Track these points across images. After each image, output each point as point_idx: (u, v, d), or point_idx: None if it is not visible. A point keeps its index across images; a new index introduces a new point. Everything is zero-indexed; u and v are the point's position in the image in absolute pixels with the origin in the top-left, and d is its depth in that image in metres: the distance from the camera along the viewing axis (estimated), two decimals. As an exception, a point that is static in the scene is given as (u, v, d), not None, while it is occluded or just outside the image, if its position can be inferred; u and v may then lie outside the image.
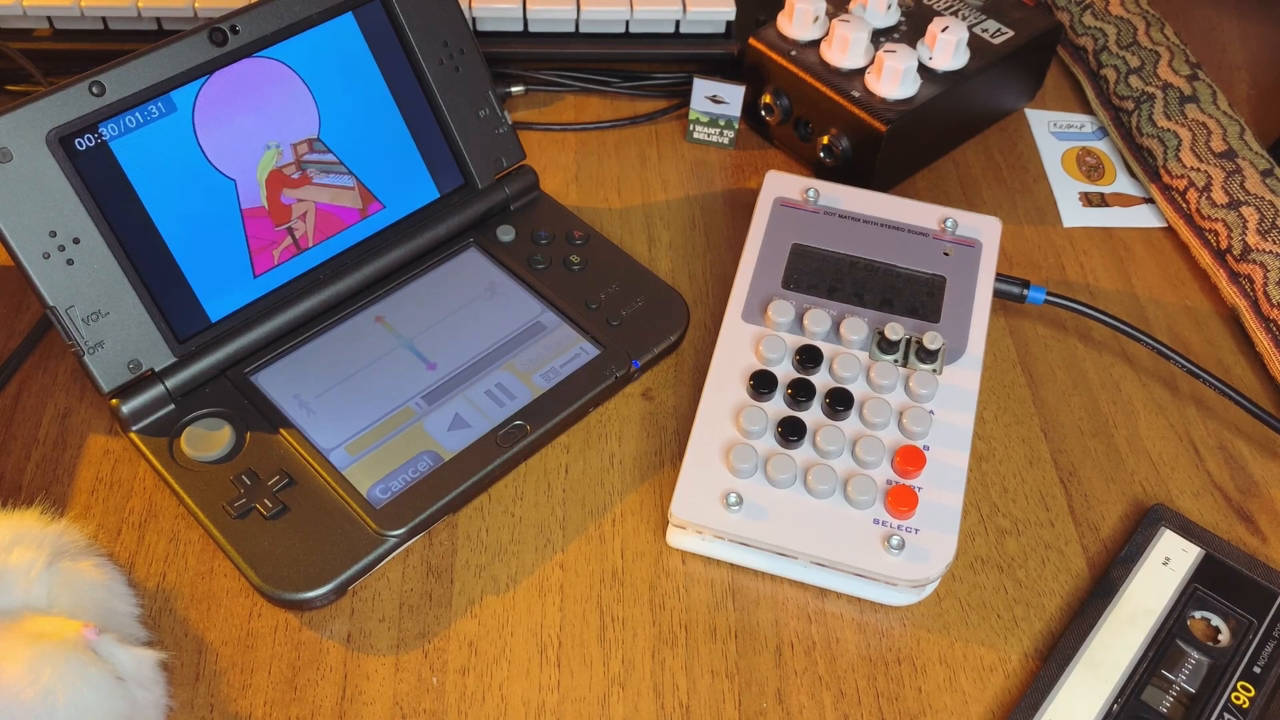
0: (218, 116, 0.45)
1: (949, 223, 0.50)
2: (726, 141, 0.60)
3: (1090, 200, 0.59)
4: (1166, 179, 0.58)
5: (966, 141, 0.61)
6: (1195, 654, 0.41)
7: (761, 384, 0.45)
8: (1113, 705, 0.39)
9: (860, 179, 0.54)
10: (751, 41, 0.58)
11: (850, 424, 0.44)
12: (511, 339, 0.48)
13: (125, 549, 0.43)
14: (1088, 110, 0.64)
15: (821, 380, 0.45)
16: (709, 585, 0.43)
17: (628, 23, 0.62)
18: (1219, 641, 0.41)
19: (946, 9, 0.59)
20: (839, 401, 0.44)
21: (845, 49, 0.55)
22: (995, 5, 0.60)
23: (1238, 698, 0.40)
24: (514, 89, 0.62)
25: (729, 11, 0.61)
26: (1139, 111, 0.60)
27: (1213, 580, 0.43)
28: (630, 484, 0.46)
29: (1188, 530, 0.44)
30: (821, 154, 0.57)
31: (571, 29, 0.62)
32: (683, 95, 0.61)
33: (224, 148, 0.45)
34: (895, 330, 0.45)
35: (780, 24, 0.58)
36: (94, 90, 0.42)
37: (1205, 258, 0.55)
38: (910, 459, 0.42)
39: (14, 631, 0.34)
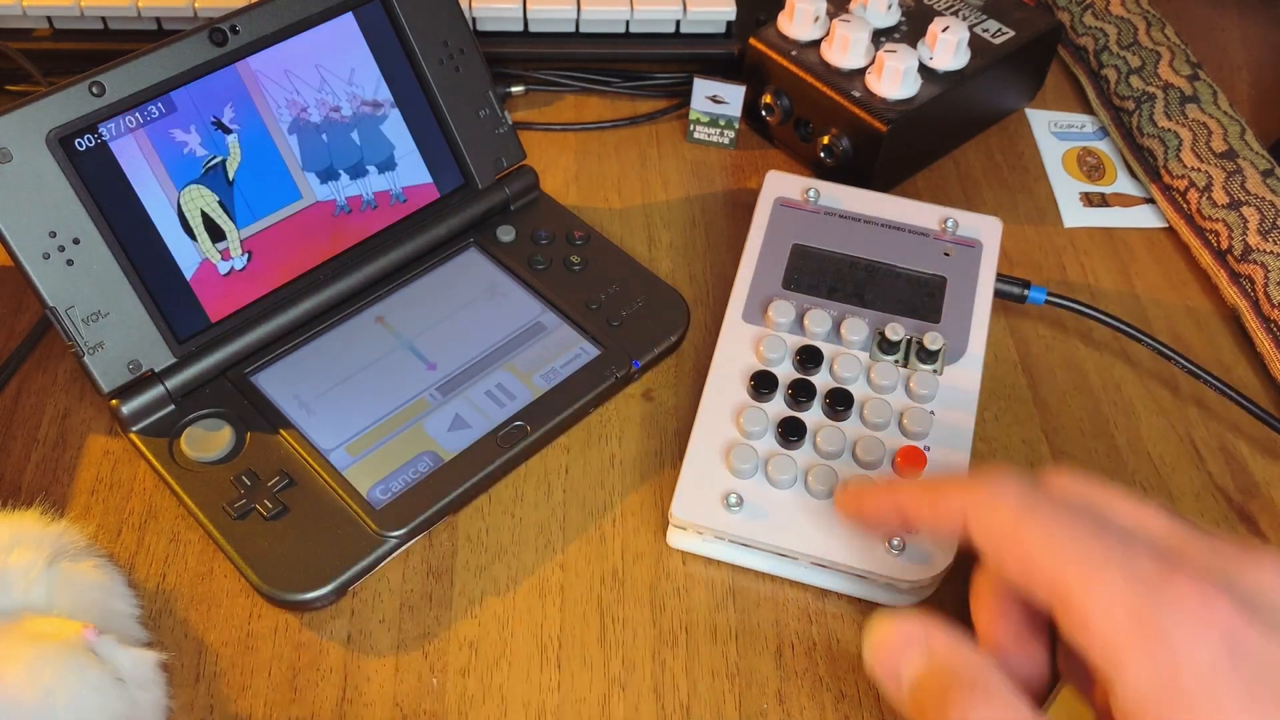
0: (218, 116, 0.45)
1: (949, 223, 0.50)
2: (727, 141, 0.60)
3: (1091, 200, 0.59)
4: (1167, 179, 0.58)
5: (967, 141, 0.61)
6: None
7: (762, 384, 0.45)
8: (1113, 706, 0.39)
9: (861, 179, 0.54)
10: (752, 41, 0.58)
11: (851, 424, 0.44)
12: (512, 339, 0.48)
13: (125, 550, 0.43)
14: (1088, 110, 0.64)
15: (822, 381, 0.45)
16: (709, 586, 0.43)
17: (628, 23, 0.61)
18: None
19: (947, 9, 0.59)
20: (839, 402, 0.44)
21: (846, 49, 0.55)
22: (996, 5, 0.59)
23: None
24: (514, 89, 0.62)
25: (729, 11, 0.61)
26: (1140, 111, 0.60)
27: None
28: (630, 484, 0.46)
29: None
30: (822, 154, 0.57)
31: (571, 29, 0.61)
32: (683, 95, 0.61)
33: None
34: (896, 330, 0.45)
35: (780, 24, 0.58)
36: (94, 90, 0.42)
37: (1206, 258, 0.55)
38: (911, 459, 0.42)
39: (14, 632, 0.34)
